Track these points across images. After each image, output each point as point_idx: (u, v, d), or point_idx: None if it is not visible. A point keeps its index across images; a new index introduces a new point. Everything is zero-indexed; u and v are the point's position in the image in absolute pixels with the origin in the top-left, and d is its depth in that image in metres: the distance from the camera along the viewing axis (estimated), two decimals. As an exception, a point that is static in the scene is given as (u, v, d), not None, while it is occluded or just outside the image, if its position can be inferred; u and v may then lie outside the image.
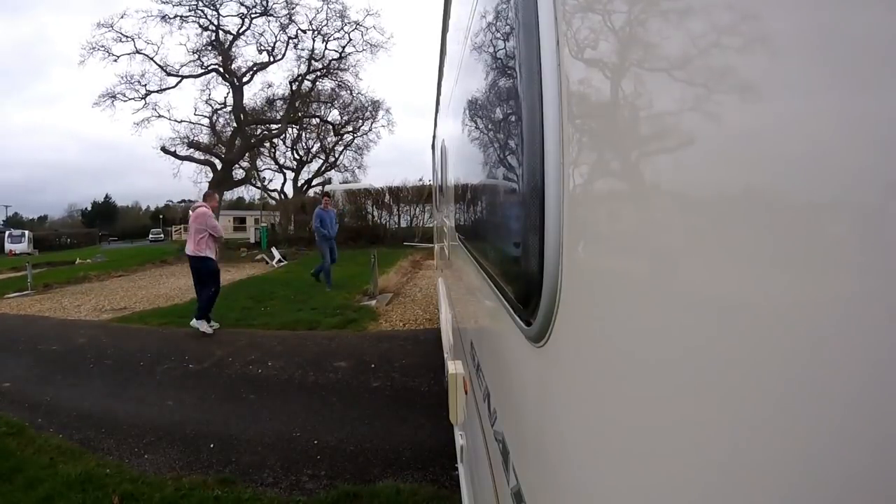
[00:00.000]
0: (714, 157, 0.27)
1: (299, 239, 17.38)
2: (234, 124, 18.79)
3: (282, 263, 12.77)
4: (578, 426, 0.46)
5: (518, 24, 0.61)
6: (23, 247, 30.13)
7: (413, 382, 3.96)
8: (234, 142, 18.61)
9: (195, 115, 19.83)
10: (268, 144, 22.41)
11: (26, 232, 33.64)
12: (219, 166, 18.01)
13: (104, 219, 60.45)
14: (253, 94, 21.23)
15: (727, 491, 0.25)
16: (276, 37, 18.56)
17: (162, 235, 42.48)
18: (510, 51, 0.69)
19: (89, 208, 63.14)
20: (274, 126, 20.04)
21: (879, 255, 0.18)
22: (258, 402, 3.68)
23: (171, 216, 50.40)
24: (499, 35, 0.82)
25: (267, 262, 13.07)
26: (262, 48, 18.54)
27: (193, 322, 5.46)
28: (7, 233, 33.52)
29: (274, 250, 13.71)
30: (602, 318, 0.41)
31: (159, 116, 18.52)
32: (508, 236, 0.76)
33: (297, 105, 20.20)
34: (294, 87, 19.82)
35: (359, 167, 24.57)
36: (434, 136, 4.83)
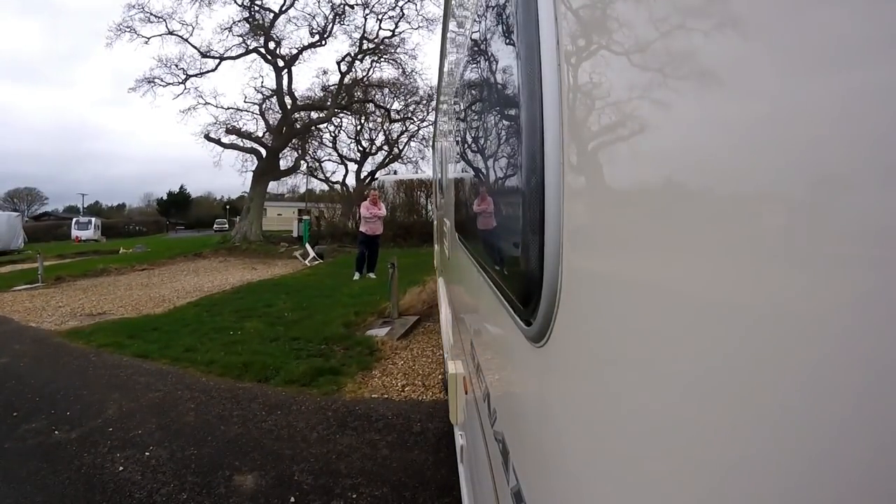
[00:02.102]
0: (715, 157, 0.27)
1: (344, 234, 16.23)
2: (279, 109, 18.04)
3: (315, 262, 12.13)
4: (578, 426, 0.46)
5: (518, 24, 0.61)
6: (89, 233, 30.21)
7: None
8: (282, 129, 17.88)
9: (245, 102, 19.24)
10: (328, 136, 21.51)
11: (93, 219, 33.68)
12: (264, 154, 17.34)
13: (178, 208, 61.95)
14: (310, 83, 20.62)
15: (726, 490, 0.25)
16: (325, 17, 17.61)
17: (227, 225, 42.11)
18: (510, 50, 0.69)
19: (165, 197, 64.32)
20: (322, 112, 19.06)
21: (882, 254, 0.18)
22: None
23: (242, 206, 50.41)
24: (499, 35, 0.82)
25: (301, 260, 12.44)
26: (314, 31, 17.58)
27: None
28: (75, 219, 33.60)
29: (308, 247, 13.04)
30: (602, 318, 0.41)
31: (206, 104, 18.11)
32: (508, 236, 0.76)
33: (350, 89, 18.96)
34: (343, 69, 18.75)
35: (422, 158, 22.25)
36: (434, 136, 4.83)
